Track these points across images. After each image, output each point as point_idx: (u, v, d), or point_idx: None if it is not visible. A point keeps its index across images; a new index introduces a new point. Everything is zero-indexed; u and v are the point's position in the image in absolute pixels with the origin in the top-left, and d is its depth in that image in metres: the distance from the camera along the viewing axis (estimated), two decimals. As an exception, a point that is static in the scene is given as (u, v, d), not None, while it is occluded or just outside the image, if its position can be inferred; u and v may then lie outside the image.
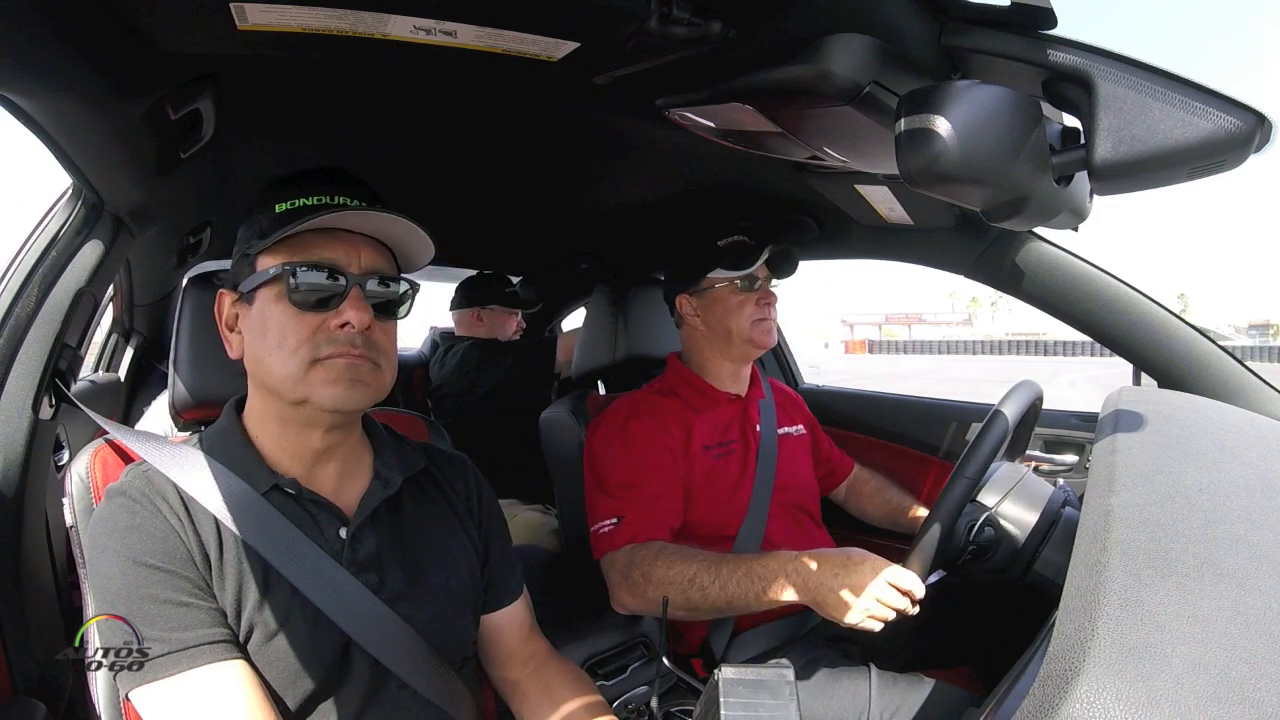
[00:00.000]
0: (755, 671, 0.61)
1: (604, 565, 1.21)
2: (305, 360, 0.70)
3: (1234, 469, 0.80)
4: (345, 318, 0.71)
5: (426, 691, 0.76)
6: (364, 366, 0.72)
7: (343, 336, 0.71)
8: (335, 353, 0.70)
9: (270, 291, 0.72)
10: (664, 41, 0.73)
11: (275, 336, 0.71)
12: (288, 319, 0.71)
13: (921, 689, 1.11)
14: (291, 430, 0.75)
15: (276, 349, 0.71)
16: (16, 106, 0.75)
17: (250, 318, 0.73)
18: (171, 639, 0.65)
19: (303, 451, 0.75)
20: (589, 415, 1.44)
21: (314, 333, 0.71)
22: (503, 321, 2.26)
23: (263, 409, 0.76)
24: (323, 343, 0.71)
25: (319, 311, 0.71)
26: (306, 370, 0.70)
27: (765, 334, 1.36)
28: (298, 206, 0.73)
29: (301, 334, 0.70)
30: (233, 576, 0.69)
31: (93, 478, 0.83)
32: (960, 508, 1.01)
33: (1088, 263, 1.25)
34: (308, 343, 0.70)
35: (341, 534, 0.75)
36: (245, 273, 0.74)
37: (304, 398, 0.71)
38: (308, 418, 0.73)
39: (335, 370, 0.70)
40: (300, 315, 0.71)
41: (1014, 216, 0.68)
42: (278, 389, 0.72)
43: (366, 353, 0.72)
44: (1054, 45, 0.63)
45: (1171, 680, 0.45)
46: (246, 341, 0.74)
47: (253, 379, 0.76)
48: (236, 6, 0.66)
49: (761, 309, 1.36)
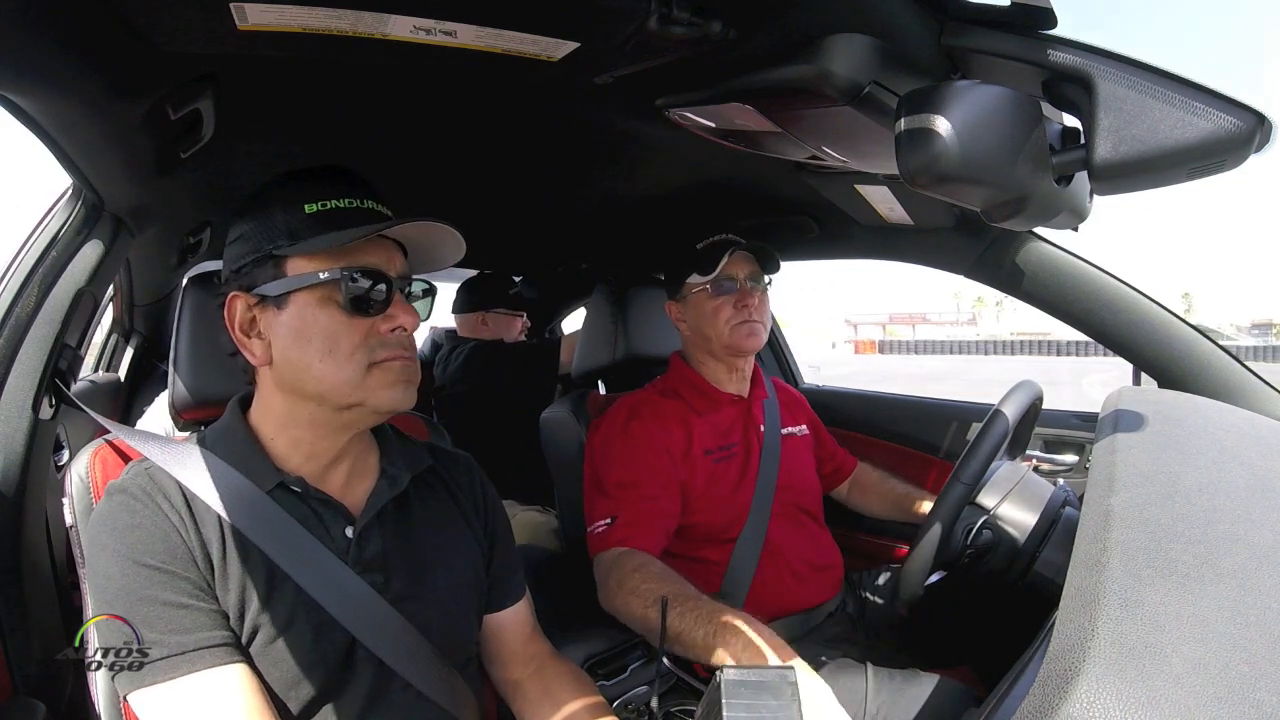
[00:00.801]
0: (758, 672, 0.61)
1: (595, 564, 1.21)
2: (362, 365, 0.70)
3: (1234, 469, 0.80)
4: (399, 322, 0.72)
5: (430, 692, 0.76)
6: (413, 367, 0.74)
7: (395, 339, 0.72)
8: (391, 356, 0.72)
9: (312, 296, 0.70)
10: (664, 41, 0.73)
11: (324, 342, 0.70)
12: (339, 325, 0.70)
13: (918, 685, 1.11)
14: (319, 432, 0.74)
15: (328, 355, 0.70)
16: (16, 106, 0.75)
17: (282, 323, 0.71)
18: (171, 642, 0.65)
19: (322, 453, 0.75)
20: (589, 415, 1.44)
21: (366, 337, 0.71)
22: (508, 324, 2.25)
23: (288, 412, 0.74)
24: (376, 346, 0.71)
25: (366, 316, 0.71)
26: (365, 373, 0.71)
27: (745, 337, 1.32)
28: (330, 208, 0.72)
29: (355, 339, 0.70)
30: (236, 576, 0.69)
31: (93, 477, 0.83)
32: (960, 507, 1.01)
33: (1088, 263, 1.25)
34: (362, 347, 0.71)
35: (348, 533, 0.75)
36: (269, 275, 0.71)
37: (360, 401, 0.71)
38: (350, 420, 0.74)
39: (393, 373, 0.72)
40: (351, 320, 0.70)
41: (1014, 216, 0.68)
42: (327, 394, 0.71)
43: (413, 353, 0.75)
44: (1054, 45, 0.63)
45: (1171, 680, 0.45)
46: (278, 347, 0.72)
47: (282, 383, 0.73)
48: (236, 6, 0.66)
49: (740, 311, 1.32)
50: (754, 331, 1.34)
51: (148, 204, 1.09)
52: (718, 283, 1.33)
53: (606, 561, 1.17)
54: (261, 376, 0.75)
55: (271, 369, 0.73)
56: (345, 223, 0.71)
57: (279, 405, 0.74)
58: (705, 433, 1.32)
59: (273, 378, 0.74)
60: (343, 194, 0.73)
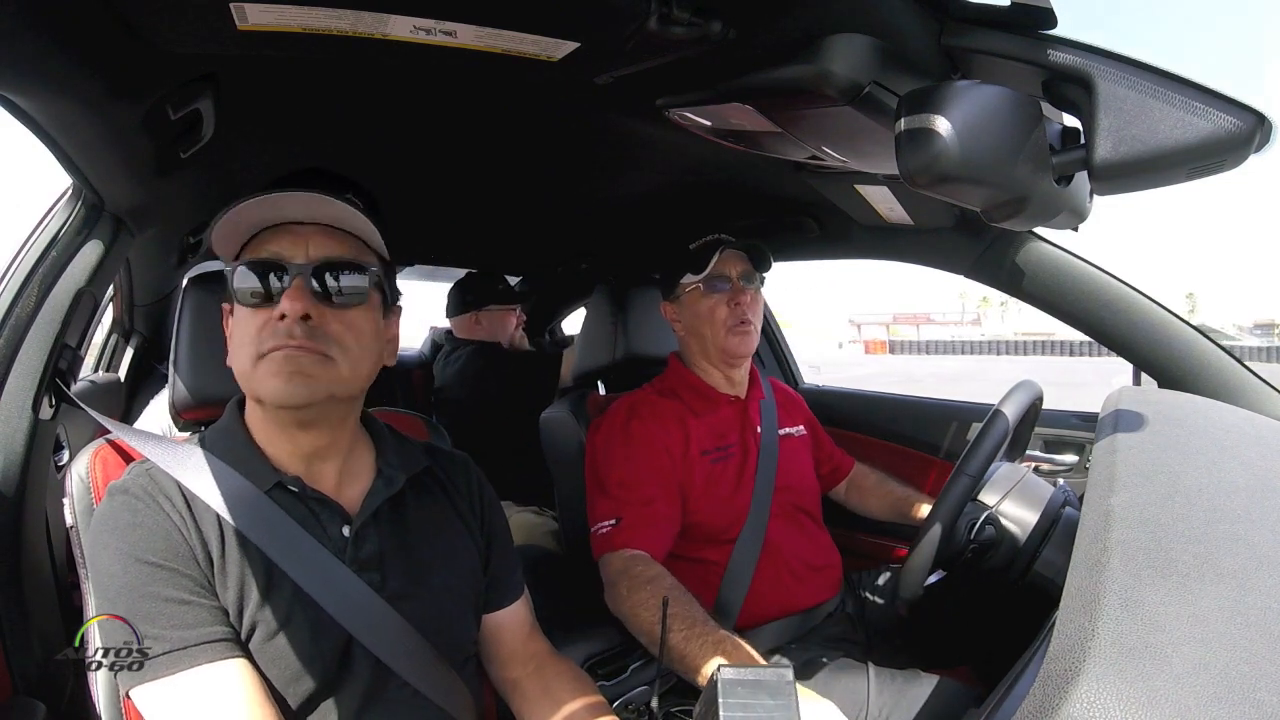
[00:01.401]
0: (754, 672, 0.61)
1: (601, 565, 1.21)
2: (252, 356, 0.70)
3: (1234, 469, 0.80)
4: (280, 309, 0.69)
5: (427, 690, 0.76)
6: (306, 358, 0.69)
7: (282, 329, 0.69)
8: (275, 345, 0.69)
9: (235, 295, 0.73)
10: (664, 41, 0.73)
11: (236, 338, 0.72)
12: (242, 319, 0.72)
13: (920, 685, 1.11)
14: (275, 430, 0.75)
15: (235, 350, 0.73)
16: (16, 107, 0.75)
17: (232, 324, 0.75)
18: (173, 637, 0.65)
19: (296, 451, 0.75)
20: (589, 415, 1.44)
21: (260, 329, 0.70)
22: (502, 320, 2.24)
23: (251, 410, 0.77)
24: (266, 337, 0.69)
25: (267, 308, 0.70)
26: (254, 366, 0.70)
27: (739, 341, 1.32)
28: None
29: (250, 331, 0.70)
30: (235, 574, 0.69)
31: (93, 478, 0.83)
32: (961, 507, 1.01)
33: (1088, 263, 1.25)
34: (254, 339, 0.70)
35: (344, 532, 0.75)
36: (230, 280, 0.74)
37: (256, 394, 0.72)
38: (275, 417, 0.74)
39: (275, 363, 0.69)
40: (251, 314, 0.71)
41: (1014, 216, 0.68)
42: (246, 389, 0.73)
43: (310, 343, 0.69)
44: (1054, 45, 0.63)
45: (1171, 680, 0.45)
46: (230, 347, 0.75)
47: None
48: (236, 6, 0.66)
49: (734, 311, 1.32)
50: (747, 334, 1.34)
51: (148, 204, 1.09)
52: (710, 281, 1.33)
53: (616, 565, 1.17)
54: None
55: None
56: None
57: (250, 404, 0.77)
58: (702, 434, 1.32)
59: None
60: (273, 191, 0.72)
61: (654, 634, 1.02)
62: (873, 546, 1.74)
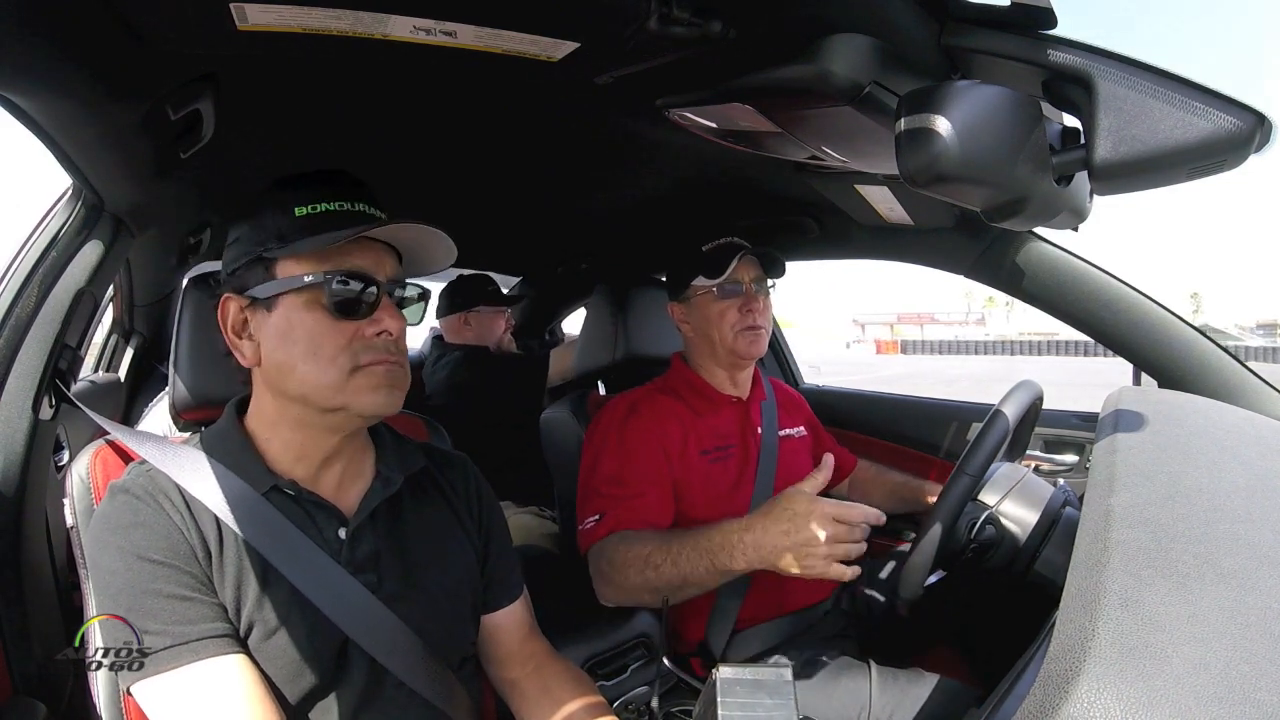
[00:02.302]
0: (753, 671, 0.61)
1: (588, 561, 1.22)
2: (345, 368, 0.70)
3: (1234, 469, 0.80)
4: (384, 326, 0.72)
5: (424, 691, 0.76)
6: (399, 372, 0.74)
7: (380, 344, 0.72)
8: (375, 360, 0.71)
9: (298, 299, 0.71)
10: (664, 41, 0.73)
11: (308, 344, 0.70)
12: (322, 327, 0.70)
13: (922, 685, 1.11)
14: (307, 434, 0.74)
15: (311, 357, 0.70)
16: (16, 107, 0.75)
17: (270, 325, 0.72)
18: (174, 632, 0.65)
19: (313, 454, 0.75)
20: (589, 415, 1.44)
21: (350, 340, 0.71)
22: (491, 322, 2.22)
23: (276, 413, 0.75)
24: (360, 350, 0.71)
25: (352, 319, 0.71)
26: (348, 378, 0.70)
27: (750, 344, 1.33)
28: (320, 211, 0.72)
29: (339, 342, 0.70)
30: (232, 574, 0.70)
31: (93, 478, 0.83)
32: (961, 506, 1.01)
33: (1088, 263, 1.25)
34: (346, 350, 0.70)
35: (341, 534, 0.75)
36: (259, 277, 0.72)
37: (343, 405, 0.71)
38: (336, 423, 0.74)
39: (376, 377, 0.71)
40: (336, 324, 0.71)
41: (1014, 216, 0.68)
42: (310, 396, 0.71)
43: (400, 359, 0.74)
44: (1054, 45, 0.63)
45: (1171, 680, 0.45)
46: (266, 349, 0.72)
47: (270, 385, 0.74)
48: (236, 7, 0.66)
49: (746, 316, 1.33)
50: (758, 338, 1.34)
51: (148, 204, 1.09)
52: (724, 286, 1.33)
53: (595, 553, 1.18)
54: (255, 378, 0.76)
55: (260, 370, 0.74)
56: (334, 225, 0.71)
57: (269, 406, 0.75)
58: (703, 433, 1.32)
59: (261, 379, 0.75)
60: (332, 197, 0.73)
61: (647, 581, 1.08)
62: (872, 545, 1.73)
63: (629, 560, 1.10)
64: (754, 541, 1.00)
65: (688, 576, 1.04)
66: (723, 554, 1.02)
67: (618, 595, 1.15)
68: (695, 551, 1.04)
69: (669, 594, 1.06)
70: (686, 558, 1.04)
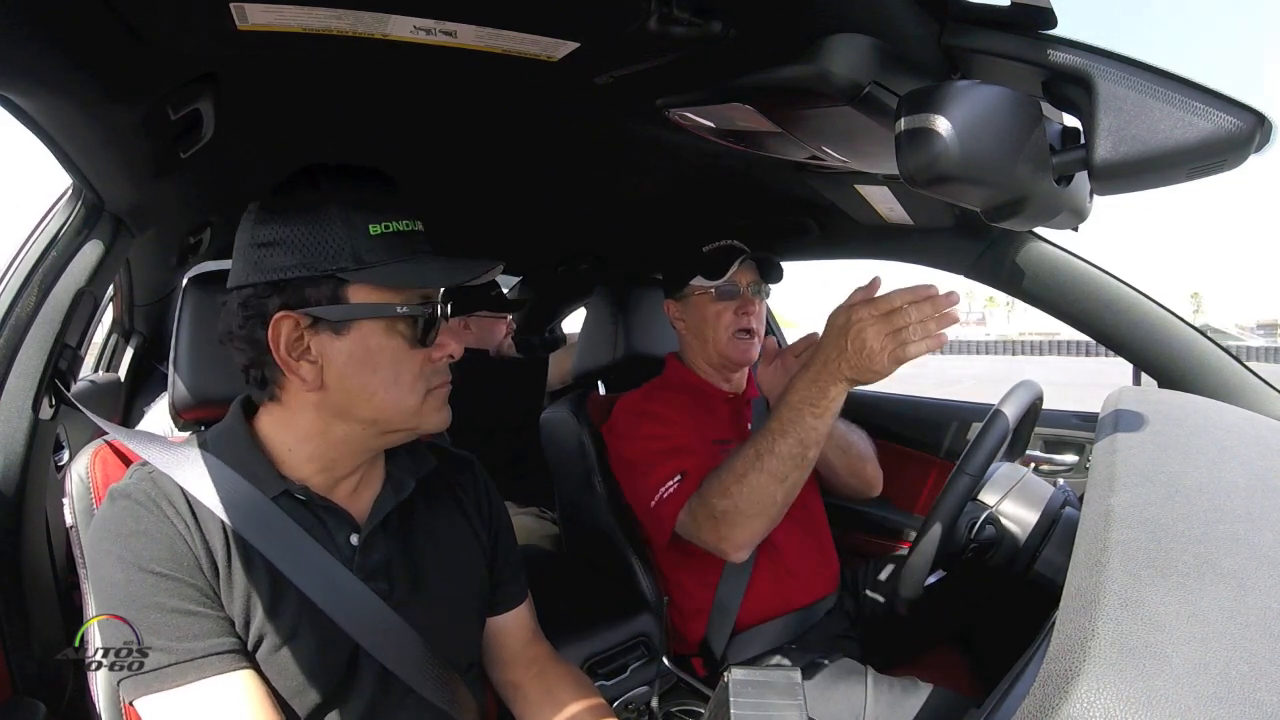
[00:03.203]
0: (764, 673, 0.62)
1: (680, 528, 1.18)
2: (422, 393, 0.73)
3: (1234, 469, 0.80)
4: (449, 350, 0.75)
5: (433, 697, 0.75)
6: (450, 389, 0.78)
7: (444, 367, 0.76)
8: (443, 382, 0.76)
9: (378, 325, 0.69)
10: (664, 41, 0.73)
11: (390, 371, 0.70)
12: (403, 355, 0.71)
13: (918, 693, 1.11)
14: (347, 450, 0.74)
15: (393, 384, 0.71)
16: (16, 107, 0.75)
17: (342, 349, 0.68)
18: (178, 648, 0.64)
19: (341, 468, 0.75)
20: (589, 415, 1.44)
21: (423, 366, 0.73)
22: (491, 327, 2.19)
23: (319, 430, 0.72)
24: (431, 375, 0.74)
25: (422, 347, 0.73)
26: (423, 400, 0.73)
27: (743, 350, 1.34)
28: (392, 232, 0.70)
29: (415, 369, 0.72)
30: (241, 584, 0.68)
31: (93, 478, 0.83)
32: (961, 506, 1.01)
33: (1088, 263, 1.25)
34: (421, 377, 0.73)
35: (352, 540, 0.74)
36: (327, 296, 0.68)
37: (415, 426, 0.74)
38: (390, 441, 0.76)
39: (441, 398, 0.75)
40: (411, 351, 0.72)
41: (1014, 216, 0.68)
42: (385, 421, 0.72)
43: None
44: (1054, 45, 0.63)
45: (1171, 680, 0.45)
46: (336, 373, 0.69)
47: (330, 407, 0.71)
48: (236, 6, 0.66)
49: (741, 319, 1.33)
50: (751, 344, 1.35)
51: (148, 204, 1.09)
52: (722, 288, 1.34)
53: (696, 506, 1.15)
54: (297, 397, 0.72)
55: (319, 393, 0.70)
56: (405, 246, 0.70)
57: (309, 423, 0.72)
58: (709, 424, 1.33)
59: (315, 400, 0.71)
60: (397, 215, 0.71)
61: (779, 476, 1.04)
62: (872, 545, 1.74)
63: (725, 490, 1.07)
64: (823, 367, 0.98)
65: (803, 436, 1.02)
66: (814, 393, 1.00)
67: (746, 529, 1.08)
68: (792, 410, 1.02)
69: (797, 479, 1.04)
70: (790, 420, 1.02)
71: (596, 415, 1.44)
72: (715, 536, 1.11)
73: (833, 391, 0.99)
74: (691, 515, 1.15)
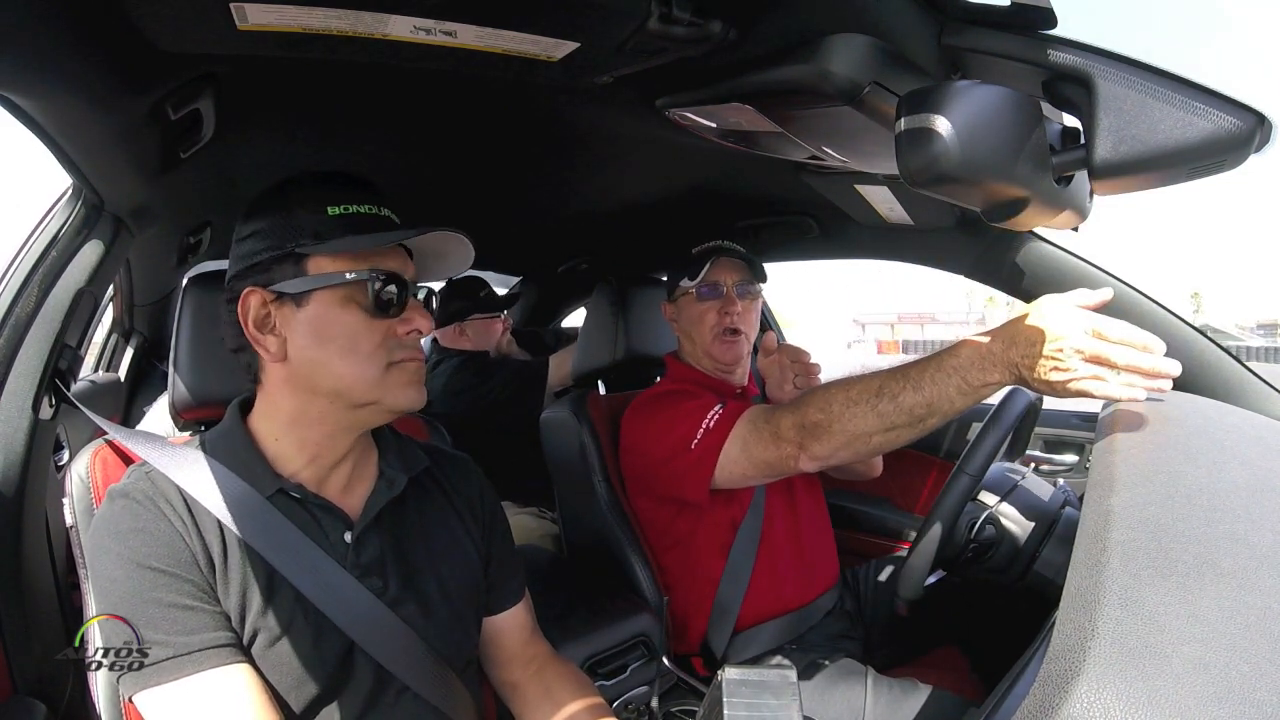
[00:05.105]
0: (759, 672, 0.61)
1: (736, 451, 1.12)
2: (381, 364, 0.72)
3: (1234, 469, 0.80)
4: (415, 325, 0.74)
5: (428, 695, 0.76)
6: (424, 370, 0.77)
7: (411, 341, 0.75)
8: (408, 357, 0.74)
9: (334, 295, 0.71)
10: (664, 41, 0.73)
11: (345, 341, 0.71)
12: (360, 325, 0.71)
13: (918, 693, 1.11)
14: (327, 431, 0.74)
15: (348, 354, 0.71)
16: (16, 106, 0.75)
17: (301, 320, 0.71)
18: (176, 643, 0.65)
19: (326, 455, 0.75)
20: (589, 415, 1.44)
21: (385, 338, 0.73)
22: (487, 329, 2.17)
23: (296, 411, 0.74)
24: (394, 347, 0.73)
25: (386, 318, 0.72)
26: (384, 373, 0.72)
27: (726, 349, 1.34)
28: (352, 212, 0.73)
29: (375, 339, 0.72)
30: (237, 580, 0.69)
31: (93, 478, 0.83)
32: (961, 506, 1.01)
33: (1088, 262, 1.25)
34: (382, 348, 0.72)
35: (346, 538, 0.75)
36: (290, 272, 0.71)
37: (377, 399, 0.73)
38: (361, 420, 0.75)
39: (409, 373, 0.74)
40: (371, 322, 0.72)
41: (1014, 216, 0.68)
42: (345, 392, 0.72)
43: (423, 355, 0.77)
44: (1054, 45, 0.63)
45: (1171, 680, 0.45)
46: (296, 344, 0.72)
47: (296, 381, 0.73)
48: (236, 6, 0.66)
49: (724, 319, 1.33)
50: (735, 343, 1.35)
51: (148, 204, 1.09)
52: (700, 289, 1.35)
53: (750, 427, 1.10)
54: (270, 375, 0.74)
55: (285, 365, 0.73)
56: (366, 227, 0.72)
57: (288, 404, 0.74)
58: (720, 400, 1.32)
59: (284, 374, 0.73)
60: (362, 199, 0.74)
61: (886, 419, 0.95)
62: (873, 546, 1.74)
63: (848, 402, 0.98)
64: (1004, 350, 0.87)
65: (933, 401, 0.92)
66: (975, 369, 0.89)
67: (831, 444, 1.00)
68: (941, 372, 0.91)
69: (900, 436, 0.96)
70: (931, 379, 0.92)
71: (597, 415, 1.44)
72: (794, 440, 1.04)
73: (994, 376, 0.88)
74: (755, 427, 1.10)
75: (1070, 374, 0.82)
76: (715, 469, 1.14)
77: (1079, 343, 0.81)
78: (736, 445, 1.13)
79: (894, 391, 0.95)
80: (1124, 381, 0.81)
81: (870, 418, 0.96)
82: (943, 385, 0.91)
